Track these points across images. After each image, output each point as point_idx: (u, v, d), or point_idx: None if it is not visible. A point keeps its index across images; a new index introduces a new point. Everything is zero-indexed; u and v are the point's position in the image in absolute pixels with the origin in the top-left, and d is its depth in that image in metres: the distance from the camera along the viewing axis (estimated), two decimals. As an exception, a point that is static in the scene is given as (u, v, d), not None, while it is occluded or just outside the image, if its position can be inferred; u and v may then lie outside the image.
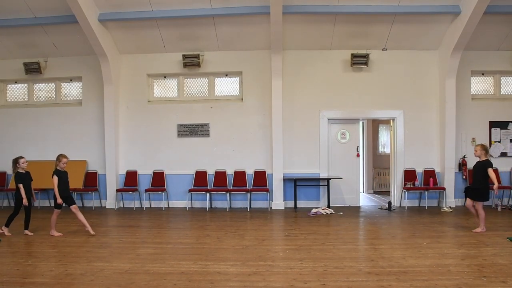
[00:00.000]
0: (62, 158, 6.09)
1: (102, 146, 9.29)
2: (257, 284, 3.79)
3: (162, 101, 9.57)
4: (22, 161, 6.20)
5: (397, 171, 9.17)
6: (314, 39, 8.89)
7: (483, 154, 6.10)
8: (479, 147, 6.16)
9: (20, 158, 6.22)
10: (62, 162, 6.07)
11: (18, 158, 6.23)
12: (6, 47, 9.36)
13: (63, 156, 6.13)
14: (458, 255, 4.77)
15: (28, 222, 6.24)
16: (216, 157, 9.28)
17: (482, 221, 6.03)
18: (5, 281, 3.89)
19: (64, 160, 6.09)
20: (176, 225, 7.18)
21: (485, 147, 6.16)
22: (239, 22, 8.57)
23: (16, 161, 6.21)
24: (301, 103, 9.15)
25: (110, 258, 4.81)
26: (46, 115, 9.62)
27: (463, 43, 8.32)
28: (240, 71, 9.33)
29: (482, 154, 6.10)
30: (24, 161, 6.23)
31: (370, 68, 9.09)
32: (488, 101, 9.26)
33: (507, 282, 3.73)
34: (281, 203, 8.94)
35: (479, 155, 6.14)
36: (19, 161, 6.20)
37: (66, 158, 6.14)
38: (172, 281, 3.87)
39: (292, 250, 5.06)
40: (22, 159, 6.23)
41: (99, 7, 8.36)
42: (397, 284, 3.72)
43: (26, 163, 6.26)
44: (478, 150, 6.14)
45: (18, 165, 6.18)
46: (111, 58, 8.99)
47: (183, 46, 9.17)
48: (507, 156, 9.16)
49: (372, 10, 8.17)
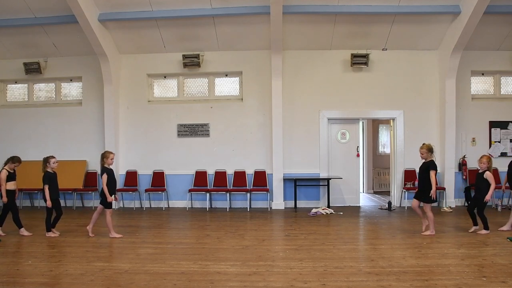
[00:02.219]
0: (109, 154, 5.88)
1: (102, 146, 9.27)
2: (257, 284, 3.79)
3: (162, 101, 9.57)
4: (53, 161, 6.05)
5: (397, 171, 9.17)
6: (314, 39, 8.89)
7: (428, 155, 5.91)
8: (425, 148, 5.96)
9: (51, 158, 6.07)
10: (110, 158, 5.87)
11: (49, 158, 6.07)
12: (6, 47, 9.36)
13: (110, 152, 5.93)
14: (458, 255, 4.77)
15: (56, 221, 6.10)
16: (216, 157, 9.28)
17: (431, 223, 5.92)
18: (5, 281, 3.89)
19: (111, 156, 5.88)
20: (176, 225, 7.18)
21: (430, 148, 5.94)
22: (239, 22, 8.56)
23: (46, 161, 6.05)
24: (301, 103, 9.15)
25: (110, 258, 4.81)
26: (46, 115, 9.62)
27: (463, 43, 8.32)
28: (240, 71, 9.33)
29: (427, 155, 5.92)
30: (55, 161, 6.08)
31: (370, 68, 9.09)
32: (488, 101, 9.25)
33: (507, 282, 3.73)
34: (281, 203, 8.94)
35: (425, 157, 5.95)
36: (50, 160, 6.04)
37: (113, 153, 5.96)
38: (172, 281, 3.87)
39: (292, 250, 5.06)
40: (53, 158, 6.08)
41: (99, 7, 8.36)
42: (397, 284, 3.72)
43: (56, 163, 6.12)
44: (424, 153, 5.93)
45: (48, 165, 6.03)
46: (111, 58, 8.99)
47: (183, 46, 9.17)
48: (507, 156, 9.15)
49: (372, 10, 8.17)
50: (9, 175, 6.10)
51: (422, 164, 6.04)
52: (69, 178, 9.09)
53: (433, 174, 5.81)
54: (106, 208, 5.90)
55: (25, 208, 9.14)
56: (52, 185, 6.01)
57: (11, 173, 6.14)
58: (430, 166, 5.85)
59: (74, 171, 9.19)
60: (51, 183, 6.00)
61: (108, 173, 5.85)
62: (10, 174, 6.11)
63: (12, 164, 6.14)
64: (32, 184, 8.53)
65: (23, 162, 6.42)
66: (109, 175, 5.86)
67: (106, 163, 5.88)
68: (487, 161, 5.93)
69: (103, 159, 5.89)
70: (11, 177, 6.14)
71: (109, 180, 5.84)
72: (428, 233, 5.91)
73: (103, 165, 5.91)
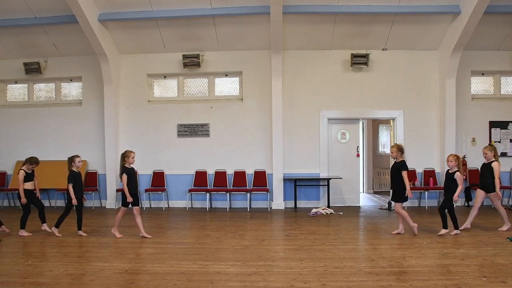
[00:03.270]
0: (130, 153, 5.85)
1: (102, 146, 9.29)
2: (257, 284, 3.79)
3: (162, 101, 9.56)
4: (78, 160, 6.04)
5: (397, 171, 9.15)
6: (314, 39, 8.89)
7: (399, 155, 5.86)
8: (395, 148, 5.92)
9: (76, 157, 6.05)
10: (131, 157, 5.83)
11: (74, 157, 6.04)
12: (6, 47, 9.36)
13: (130, 151, 5.90)
14: (458, 255, 4.77)
15: (80, 222, 6.15)
16: (216, 157, 9.28)
17: (401, 222, 5.92)
18: (5, 281, 3.89)
19: (132, 155, 5.86)
20: (176, 225, 7.17)
21: (400, 148, 5.89)
22: (239, 22, 8.56)
23: (72, 160, 6.02)
24: (301, 103, 9.15)
25: (110, 258, 4.81)
26: (46, 115, 9.62)
27: (463, 43, 8.32)
28: (240, 71, 9.33)
29: (398, 155, 5.87)
30: (79, 160, 6.07)
31: (370, 68, 9.09)
32: (488, 101, 9.25)
33: (507, 282, 3.73)
34: (281, 203, 8.94)
35: (395, 156, 5.90)
36: (75, 159, 6.02)
37: (134, 152, 5.93)
38: (172, 281, 3.88)
39: (292, 250, 5.06)
40: (78, 158, 6.06)
41: (99, 7, 8.36)
42: (397, 284, 3.72)
43: (81, 162, 6.12)
44: (394, 152, 5.88)
45: (73, 164, 6.01)
46: (111, 58, 8.98)
47: (183, 46, 9.17)
48: (507, 156, 9.16)
49: (372, 10, 8.17)
50: (27, 175, 6.16)
51: (393, 164, 6.01)
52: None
53: (405, 174, 5.78)
54: (122, 205, 5.93)
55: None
56: (76, 185, 6.01)
57: (28, 174, 6.20)
58: (401, 167, 5.81)
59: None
60: (75, 182, 5.99)
61: (128, 173, 5.83)
62: (27, 175, 6.17)
63: (30, 165, 6.19)
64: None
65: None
66: (129, 175, 5.84)
67: (127, 162, 5.84)
68: (454, 160, 5.87)
69: (124, 159, 5.85)
70: (29, 177, 6.20)
71: (130, 180, 5.81)
72: (396, 232, 5.93)
73: (123, 165, 5.86)
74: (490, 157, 6.12)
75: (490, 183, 6.09)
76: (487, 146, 6.27)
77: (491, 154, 6.11)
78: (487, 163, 6.17)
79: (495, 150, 6.21)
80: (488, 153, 6.12)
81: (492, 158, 6.11)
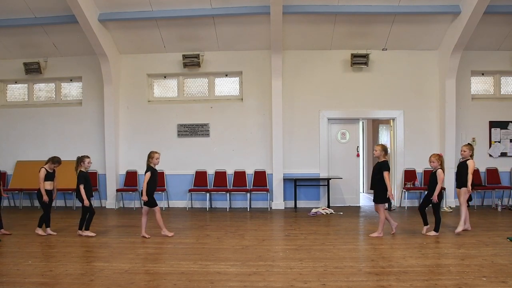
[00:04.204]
0: (154, 154, 5.86)
1: (102, 146, 9.29)
2: (257, 284, 3.79)
3: (162, 101, 9.56)
4: (88, 161, 6.02)
5: (397, 171, 9.17)
6: (314, 39, 8.89)
7: (382, 155, 5.81)
8: (379, 147, 5.87)
9: (86, 158, 6.03)
10: (155, 158, 5.85)
11: (83, 157, 6.02)
12: (6, 47, 9.36)
13: (155, 152, 5.90)
14: (458, 255, 4.77)
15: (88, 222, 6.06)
16: (216, 157, 9.28)
17: (381, 224, 5.86)
18: (5, 281, 3.89)
19: (157, 156, 5.87)
20: (176, 225, 7.17)
21: (384, 148, 5.85)
22: (239, 22, 8.56)
23: (81, 160, 6.01)
24: (301, 103, 9.15)
25: (110, 258, 4.81)
26: (46, 115, 9.61)
27: (463, 43, 8.32)
28: (240, 71, 9.33)
29: (381, 155, 5.84)
30: (89, 161, 6.06)
31: (370, 68, 9.09)
32: (488, 101, 9.25)
33: (507, 282, 3.73)
34: (281, 203, 8.94)
35: (378, 155, 5.85)
36: (85, 160, 6.00)
37: (159, 153, 5.94)
38: (172, 281, 3.88)
39: (292, 250, 5.06)
40: (88, 159, 6.04)
41: (99, 7, 8.36)
42: (397, 284, 3.72)
43: (91, 163, 6.12)
44: (378, 151, 5.83)
45: (82, 164, 6.00)
46: (111, 58, 8.98)
47: (183, 46, 9.17)
48: (507, 156, 9.16)
49: (372, 10, 8.16)
50: (48, 174, 6.10)
51: (375, 165, 5.97)
52: (69, 178, 9.03)
53: (387, 174, 5.75)
54: (152, 207, 5.89)
55: (25, 208, 9.15)
56: (86, 185, 5.98)
57: (49, 173, 6.14)
58: (383, 167, 5.78)
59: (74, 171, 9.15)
60: (86, 182, 5.98)
61: (152, 172, 5.84)
62: (48, 174, 6.11)
63: (52, 164, 6.15)
64: (32, 184, 8.50)
65: (22, 162, 6.42)
66: (153, 174, 5.85)
67: (151, 162, 5.87)
68: (436, 160, 5.83)
69: (149, 159, 5.89)
70: (49, 177, 6.14)
71: (151, 180, 5.83)
72: (376, 235, 5.84)
73: (148, 164, 5.89)
74: (467, 155, 6.07)
75: (465, 181, 6.02)
76: (466, 145, 6.23)
77: (468, 152, 6.07)
78: (463, 161, 6.13)
79: (473, 149, 6.18)
80: (466, 151, 6.07)
81: (468, 156, 6.07)
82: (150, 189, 5.82)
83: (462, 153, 6.15)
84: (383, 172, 5.75)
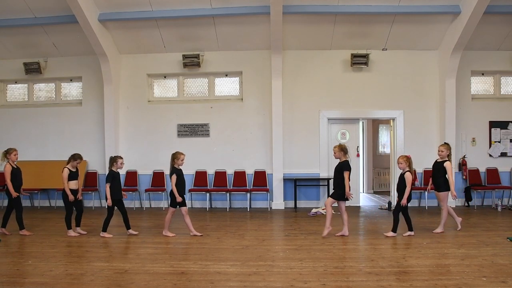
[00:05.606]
0: (180, 155, 5.81)
1: (102, 146, 9.28)
2: (257, 284, 3.79)
3: (162, 101, 9.57)
4: (120, 162, 5.99)
5: (397, 171, 9.13)
6: (314, 39, 8.89)
7: (342, 155, 5.82)
8: (337, 148, 5.86)
9: (119, 158, 5.99)
10: (180, 159, 5.80)
11: (117, 158, 5.98)
12: (6, 47, 9.35)
13: (180, 153, 5.85)
14: (458, 255, 4.77)
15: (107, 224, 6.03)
16: (216, 157, 9.27)
17: (345, 224, 5.85)
18: (5, 281, 3.89)
19: (182, 157, 5.82)
20: (176, 225, 7.16)
21: (342, 148, 5.84)
22: (239, 22, 8.56)
23: (114, 160, 5.97)
24: (301, 103, 9.15)
25: (110, 258, 4.81)
26: (46, 115, 9.61)
27: (463, 43, 8.32)
28: (240, 71, 9.33)
29: (341, 156, 5.82)
30: (122, 162, 6.02)
31: (370, 68, 9.09)
32: (488, 101, 9.25)
33: (507, 282, 3.73)
34: (281, 203, 8.94)
35: (338, 156, 5.85)
36: (118, 160, 5.97)
37: (184, 154, 5.87)
38: (172, 281, 3.87)
39: (292, 250, 5.06)
40: (121, 159, 6.00)
41: (99, 7, 8.35)
42: (397, 284, 3.72)
43: (123, 164, 6.08)
44: (337, 152, 5.84)
45: (115, 164, 5.95)
46: (111, 58, 8.98)
47: (183, 46, 9.17)
48: (507, 156, 9.16)
49: (372, 10, 8.16)
50: (71, 173, 6.00)
51: (337, 165, 5.94)
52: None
53: (346, 174, 5.74)
54: (171, 206, 5.90)
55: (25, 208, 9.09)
56: (114, 185, 5.92)
57: (73, 172, 6.03)
58: (343, 167, 5.78)
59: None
60: (113, 182, 5.92)
61: (177, 173, 5.82)
62: (71, 173, 6.01)
63: (74, 161, 6.03)
64: (32, 184, 8.51)
65: (22, 162, 6.40)
66: (179, 175, 5.84)
67: (176, 163, 5.84)
68: (404, 161, 5.75)
69: (173, 160, 5.85)
70: (73, 176, 6.04)
71: (179, 180, 5.82)
72: (341, 234, 5.83)
73: (173, 165, 5.87)
74: (444, 155, 5.99)
75: (441, 182, 5.97)
76: (443, 144, 6.13)
77: (446, 152, 5.99)
78: (440, 161, 6.06)
79: (450, 149, 6.10)
80: (444, 151, 5.99)
81: (445, 157, 5.99)
82: (178, 190, 5.82)
83: (440, 153, 6.04)
84: (343, 172, 5.74)
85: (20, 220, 6.08)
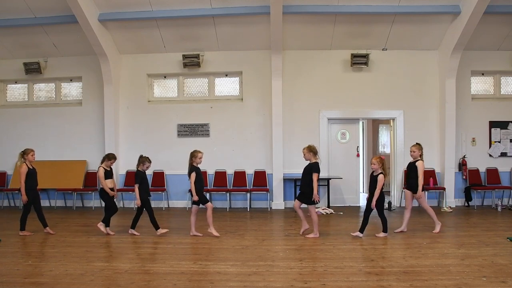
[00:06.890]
0: (198, 153, 5.85)
1: (102, 146, 9.28)
2: (257, 284, 3.79)
3: (162, 101, 9.56)
4: (147, 166, 6.06)
5: (397, 171, 9.17)
6: (314, 39, 8.89)
7: (311, 157, 5.76)
8: (306, 149, 5.81)
9: (146, 159, 6.05)
10: (198, 158, 5.84)
11: (144, 159, 6.05)
12: (6, 47, 9.36)
13: (198, 151, 5.88)
14: (458, 255, 4.77)
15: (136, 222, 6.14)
16: (216, 157, 9.27)
17: (315, 225, 5.80)
18: (5, 281, 3.89)
19: (200, 155, 5.85)
20: (176, 225, 7.17)
21: (312, 149, 5.78)
22: (239, 22, 8.56)
23: (142, 161, 6.04)
24: (301, 103, 9.15)
25: (110, 258, 4.81)
26: (46, 115, 9.61)
27: (463, 43, 8.32)
28: (240, 71, 9.33)
29: (311, 157, 5.76)
30: (148, 165, 6.09)
31: (370, 68, 9.09)
32: (488, 101, 9.25)
33: (507, 282, 3.73)
34: (281, 203, 8.94)
35: (308, 158, 5.79)
36: (145, 161, 6.04)
37: (202, 153, 5.91)
38: (172, 281, 3.88)
39: (292, 250, 5.06)
40: (149, 164, 6.07)
41: (99, 7, 8.35)
42: (397, 284, 3.72)
43: (149, 167, 6.14)
44: (306, 154, 5.79)
45: (143, 165, 6.03)
46: (111, 58, 8.98)
47: (183, 46, 9.17)
48: (507, 156, 9.16)
49: (372, 10, 8.17)
50: (106, 172, 6.07)
51: (306, 166, 5.88)
52: (69, 178, 9.10)
53: (315, 177, 5.68)
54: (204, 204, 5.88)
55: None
56: (143, 185, 5.99)
57: (107, 171, 6.10)
58: (312, 169, 5.72)
59: (74, 171, 9.19)
60: (142, 182, 5.99)
61: (196, 171, 5.85)
62: (106, 172, 6.08)
63: (108, 161, 6.13)
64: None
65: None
66: (198, 174, 5.87)
67: (194, 162, 5.87)
68: (377, 162, 5.66)
69: (192, 158, 5.88)
70: (108, 175, 6.11)
71: (197, 178, 5.85)
72: (312, 236, 5.79)
73: (191, 164, 5.89)
74: (416, 155, 5.98)
75: (415, 183, 5.93)
76: (415, 145, 6.09)
77: (418, 153, 5.97)
78: (413, 162, 6.04)
79: (422, 149, 6.07)
80: (416, 152, 5.97)
81: (418, 157, 5.98)
82: (198, 187, 5.84)
83: (412, 153, 6.03)
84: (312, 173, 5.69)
85: (24, 221, 6.10)
